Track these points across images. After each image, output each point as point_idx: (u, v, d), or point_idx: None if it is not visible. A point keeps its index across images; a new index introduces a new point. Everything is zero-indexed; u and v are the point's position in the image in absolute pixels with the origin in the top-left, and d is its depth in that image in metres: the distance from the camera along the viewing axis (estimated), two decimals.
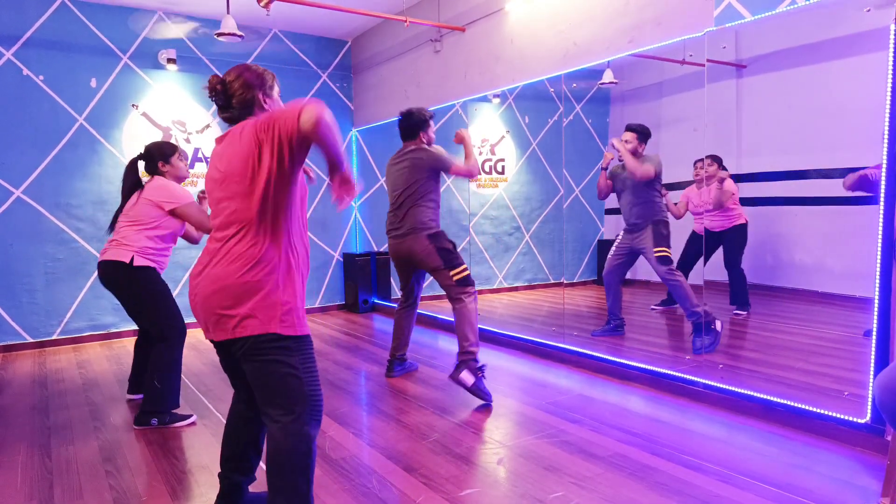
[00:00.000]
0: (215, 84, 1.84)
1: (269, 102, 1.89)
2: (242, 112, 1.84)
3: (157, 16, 5.35)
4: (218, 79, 1.85)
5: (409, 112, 3.64)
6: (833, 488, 2.24)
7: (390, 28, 5.76)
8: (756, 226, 4.94)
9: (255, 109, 1.86)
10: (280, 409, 1.76)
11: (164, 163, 3.13)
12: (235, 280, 1.70)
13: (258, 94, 1.86)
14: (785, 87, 4.73)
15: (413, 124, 3.61)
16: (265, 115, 1.74)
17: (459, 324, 3.39)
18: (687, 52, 3.55)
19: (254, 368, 1.77)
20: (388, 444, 2.75)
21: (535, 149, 6.75)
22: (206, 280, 1.75)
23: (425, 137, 3.64)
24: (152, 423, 3.02)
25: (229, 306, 1.71)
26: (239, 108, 1.84)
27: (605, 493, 2.22)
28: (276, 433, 1.76)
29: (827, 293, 4.58)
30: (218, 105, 1.87)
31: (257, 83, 1.86)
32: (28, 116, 4.83)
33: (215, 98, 1.85)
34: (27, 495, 2.35)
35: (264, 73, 1.90)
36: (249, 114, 1.85)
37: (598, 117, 6.53)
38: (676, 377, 3.38)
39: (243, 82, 1.84)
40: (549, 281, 6.93)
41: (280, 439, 1.75)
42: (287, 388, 1.75)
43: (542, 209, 6.89)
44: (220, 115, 1.89)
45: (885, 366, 2.43)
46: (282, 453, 1.74)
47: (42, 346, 4.96)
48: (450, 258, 3.46)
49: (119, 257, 2.99)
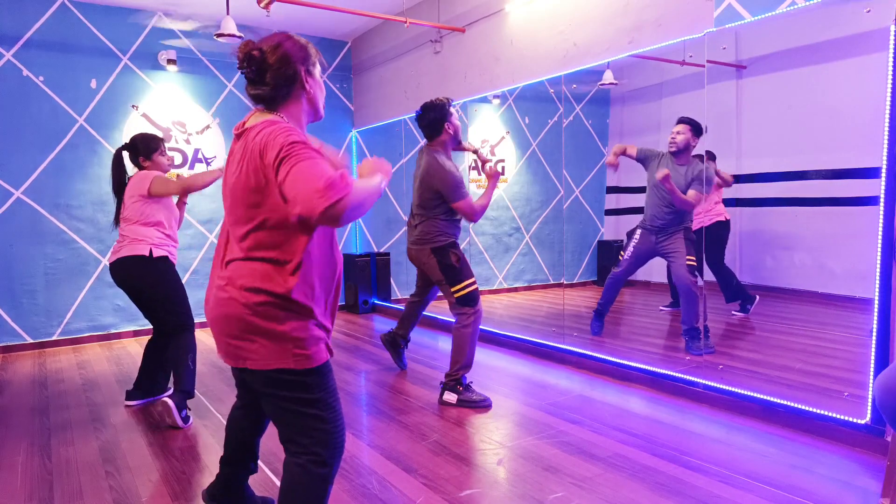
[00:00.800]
0: (251, 50, 1.52)
1: (310, 82, 1.59)
2: (277, 90, 1.54)
3: (157, 16, 5.35)
4: (253, 44, 1.53)
5: (426, 107, 3.30)
6: (833, 489, 2.24)
7: (390, 29, 5.76)
8: (756, 226, 4.94)
9: (295, 89, 1.57)
10: (297, 445, 1.59)
11: (146, 159, 3.20)
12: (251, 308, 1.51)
13: (300, 70, 1.56)
14: (785, 88, 4.73)
15: (432, 120, 3.27)
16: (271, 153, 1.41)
17: (453, 345, 3.34)
18: (687, 53, 3.55)
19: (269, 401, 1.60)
20: (388, 445, 2.75)
21: (535, 149, 6.75)
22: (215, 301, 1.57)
23: (451, 128, 3.29)
24: (183, 414, 3.04)
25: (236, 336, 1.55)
26: (273, 84, 1.54)
27: (605, 494, 2.22)
28: (293, 469, 1.59)
29: (827, 293, 4.58)
30: (248, 78, 1.55)
31: (300, 56, 1.56)
32: (28, 117, 4.83)
33: (247, 69, 1.53)
34: (27, 495, 2.35)
35: (307, 46, 1.60)
36: (287, 95, 1.56)
37: (598, 118, 6.53)
38: (676, 378, 3.38)
39: (283, 54, 1.53)
40: (549, 281, 6.93)
41: (296, 477, 1.58)
42: (306, 424, 1.57)
43: (542, 210, 6.89)
44: (250, 89, 1.56)
45: (885, 366, 2.43)
46: (296, 492, 1.59)
47: (42, 346, 4.96)
48: (452, 274, 3.28)
49: (137, 252, 3.06)
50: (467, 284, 3.29)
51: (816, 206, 4.61)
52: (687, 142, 3.90)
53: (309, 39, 1.65)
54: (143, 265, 3.07)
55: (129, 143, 3.24)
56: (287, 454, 1.62)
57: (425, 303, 3.90)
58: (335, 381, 1.64)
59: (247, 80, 1.57)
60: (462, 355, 3.30)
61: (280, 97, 1.56)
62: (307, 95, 1.61)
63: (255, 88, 1.55)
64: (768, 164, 4.91)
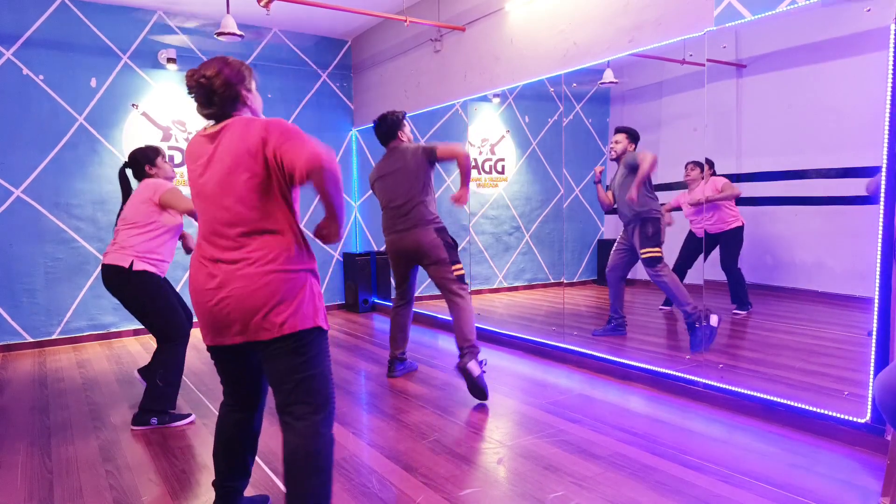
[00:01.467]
0: (198, 78, 1.74)
1: (250, 98, 1.83)
2: (224, 109, 1.77)
3: (157, 15, 5.35)
4: (199, 73, 1.75)
5: (382, 117, 3.68)
6: (833, 488, 2.24)
7: (390, 28, 5.75)
8: (756, 226, 4.94)
9: (238, 105, 1.80)
10: (309, 406, 1.74)
11: (151, 166, 3.16)
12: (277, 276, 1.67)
13: (241, 90, 1.79)
14: (785, 87, 4.72)
15: (390, 126, 3.65)
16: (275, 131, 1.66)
17: (460, 319, 3.42)
18: (687, 52, 3.54)
19: (292, 366, 1.73)
20: (388, 444, 2.75)
21: (535, 148, 6.75)
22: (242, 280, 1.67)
23: (404, 136, 3.69)
24: (152, 423, 3.02)
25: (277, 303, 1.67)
26: (220, 104, 1.77)
27: (605, 493, 2.22)
28: (303, 432, 1.72)
29: (827, 293, 4.57)
30: (199, 102, 1.78)
31: (238, 79, 1.79)
32: (28, 116, 4.83)
33: (196, 95, 1.76)
34: (27, 495, 2.35)
35: (242, 67, 1.82)
36: (233, 110, 1.78)
37: (598, 117, 6.52)
38: (677, 377, 3.38)
39: (224, 79, 1.75)
40: (549, 281, 6.93)
41: (307, 438, 1.72)
42: (320, 385, 1.76)
43: (542, 209, 6.88)
44: (202, 111, 1.80)
45: (885, 366, 2.43)
46: (309, 454, 1.71)
47: (42, 345, 4.96)
48: (453, 254, 3.52)
49: (118, 262, 2.99)
50: (461, 265, 3.55)
51: (816, 206, 4.61)
52: (624, 149, 4.26)
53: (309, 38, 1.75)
54: (122, 277, 2.98)
55: (129, 161, 3.18)
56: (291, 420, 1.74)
57: (410, 304, 3.85)
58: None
59: (197, 104, 1.80)
60: (471, 326, 3.41)
61: (227, 114, 1.78)
62: (249, 108, 1.85)
63: (206, 109, 1.79)
64: (768, 163, 4.91)
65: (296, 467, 1.72)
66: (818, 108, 4.53)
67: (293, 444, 1.73)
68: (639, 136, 4.30)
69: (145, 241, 3.02)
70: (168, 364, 3.05)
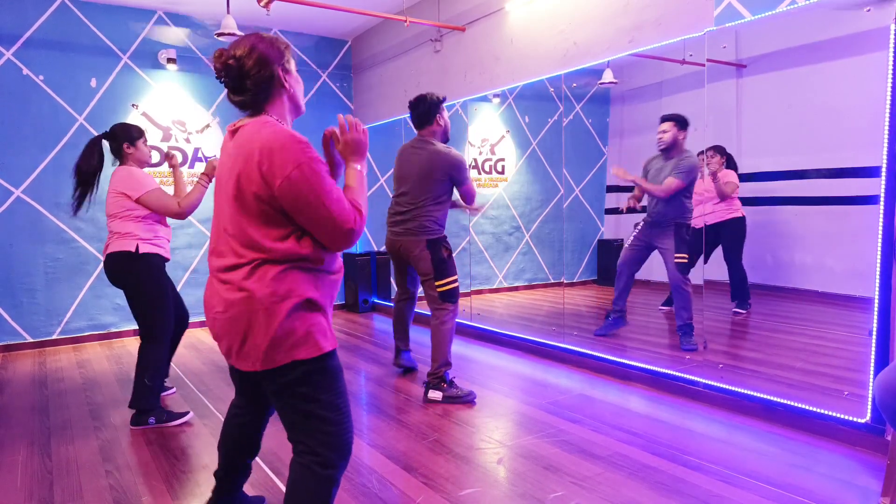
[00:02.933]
0: (226, 60, 1.52)
1: (289, 80, 1.61)
2: (258, 95, 1.56)
3: (157, 16, 5.35)
4: (228, 54, 1.53)
5: (421, 97, 3.50)
6: (833, 488, 2.24)
7: (390, 28, 5.75)
8: (756, 225, 4.93)
9: (275, 90, 1.58)
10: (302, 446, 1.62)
11: (130, 145, 3.10)
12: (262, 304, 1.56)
13: (277, 70, 1.57)
14: (785, 87, 4.72)
15: (427, 109, 3.47)
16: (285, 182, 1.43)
17: (433, 342, 3.39)
18: (687, 52, 3.54)
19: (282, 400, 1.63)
20: (388, 444, 2.75)
21: (535, 148, 6.75)
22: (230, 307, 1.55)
23: (441, 121, 3.51)
24: (150, 422, 3.02)
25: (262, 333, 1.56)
26: (254, 89, 1.55)
27: (605, 493, 2.22)
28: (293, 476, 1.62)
29: (827, 293, 4.57)
30: (229, 87, 1.56)
31: (275, 56, 1.56)
32: (28, 116, 4.83)
33: (226, 78, 1.54)
34: (27, 495, 2.35)
35: (278, 42, 1.60)
36: (268, 97, 1.57)
37: (599, 117, 6.52)
38: (676, 377, 3.38)
39: (258, 57, 1.53)
40: (549, 281, 6.92)
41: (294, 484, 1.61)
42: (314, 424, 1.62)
43: (542, 209, 6.88)
44: (232, 97, 1.58)
45: (885, 366, 2.43)
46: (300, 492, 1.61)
47: (42, 345, 4.96)
48: (441, 268, 3.37)
49: (124, 247, 2.99)
50: (451, 280, 3.38)
51: (816, 205, 4.61)
52: (674, 137, 4.00)
53: (309, 38, 1.69)
54: (129, 261, 2.97)
55: (108, 133, 3.12)
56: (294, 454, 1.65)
57: (413, 299, 3.85)
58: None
59: (228, 90, 1.58)
60: (442, 353, 3.34)
61: (262, 100, 1.57)
62: (287, 94, 1.62)
63: (238, 96, 1.57)
64: (768, 162, 4.91)
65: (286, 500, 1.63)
66: (818, 108, 4.53)
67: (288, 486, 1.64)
68: (688, 123, 4.02)
69: (143, 225, 3.02)
70: (152, 363, 3.04)
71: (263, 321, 1.48)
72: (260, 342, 1.49)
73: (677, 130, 4.00)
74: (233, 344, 1.55)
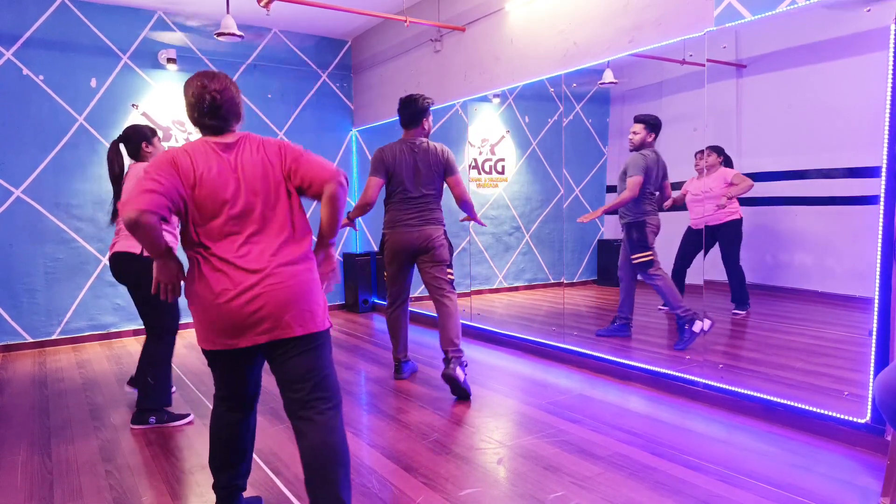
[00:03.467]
0: (212, 95, 1.81)
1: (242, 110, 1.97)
2: (230, 121, 1.87)
3: (157, 16, 5.35)
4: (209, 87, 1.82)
5: (411, 98, 3.56)
6: (833, 488, 2.24)
7: (390, 28, 5.75)
8: (756, 225, 4.94)
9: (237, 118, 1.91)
10: (329, 402, 1.84)
11: (148, 143, 3.13)
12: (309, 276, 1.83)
13: (241, 104, 1.93)
14: (785, 87, 4.72)
15: (418, 111, 3.55)
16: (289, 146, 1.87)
17: (449, 321, 3.47)
18: (687, 52, 3.54)
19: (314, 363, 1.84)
20: (388, 444, 2.75)
21: (535, 148, 6.75)
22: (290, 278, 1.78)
23: (427, 125, 3.60)
24: (150, 422, 3.02)
25: (316, 300, 1.84)
26: (226, 118, 1.86)
27: (605, 493, 2.22)
28: (327, 425, 1.80)
29: (827, 293, 4.57)
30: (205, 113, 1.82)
31: (238, 94, 1.92)
32: (28, 116, 4.83)
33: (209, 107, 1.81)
34: (27, 495, 2.35)
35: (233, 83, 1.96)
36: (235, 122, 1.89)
37: (599, 117, 6.52)
38: (676, 377, 3.38)
39: (230, 96, 1.86)
40: (549, 281, 6.93)
41: (331, 431, 1.80)
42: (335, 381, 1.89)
43: (542, 209, 6.88)
44: (207, 121, 1.84)
45: (885, 366, 2.43)
46: (336, 446, 1.80)
47: (42, 345, 4.96)
48: (451, 258, 3.60)
49: (129, 248, 2.99)
50: (453, 271, 3.63)
51: (816, 206, 4.61)
52: (642, 140, 4.11)
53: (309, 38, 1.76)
54: (133, 262, 2.97)
55: (123, 136, 3.13)
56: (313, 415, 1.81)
57: (406, 304, 3.79)
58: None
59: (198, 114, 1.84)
60: (458, 329, 3.47)
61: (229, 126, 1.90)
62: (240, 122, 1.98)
63: (213, 120, 1.85)
64: (768, 163, 4.91)
65: (323, 459, 1.77)
66: (818, 108, 4.53)
67: (317, 440, 1.79)
68: (660, 125, 4.14)
69: None
70: (159, 361, 3.04)
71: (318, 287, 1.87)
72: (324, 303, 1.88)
73: (646, 133, 4.12)
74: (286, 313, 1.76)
